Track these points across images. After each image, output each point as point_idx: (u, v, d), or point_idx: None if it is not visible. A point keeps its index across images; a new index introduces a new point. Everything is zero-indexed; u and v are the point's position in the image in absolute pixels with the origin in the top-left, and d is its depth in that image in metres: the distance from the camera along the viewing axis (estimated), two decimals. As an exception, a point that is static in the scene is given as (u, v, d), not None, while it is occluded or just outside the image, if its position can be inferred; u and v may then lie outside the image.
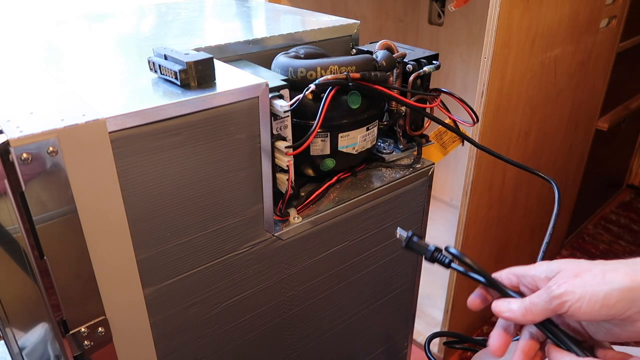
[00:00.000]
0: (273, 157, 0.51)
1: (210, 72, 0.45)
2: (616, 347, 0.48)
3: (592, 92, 1.37)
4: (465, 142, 0.69)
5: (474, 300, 0.49)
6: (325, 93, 0.54)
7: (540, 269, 0.44)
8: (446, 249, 0.47)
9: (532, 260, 0.49)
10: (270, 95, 0.48)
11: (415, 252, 0.47)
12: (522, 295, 0.45)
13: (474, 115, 0.64)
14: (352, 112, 0.58)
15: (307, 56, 0.59)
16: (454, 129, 0.66)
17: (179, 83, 0.44)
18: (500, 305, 0.45)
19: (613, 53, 1.38)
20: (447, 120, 0.69)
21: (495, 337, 0.46)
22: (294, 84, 0.55)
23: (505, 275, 0.47)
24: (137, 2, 0.87)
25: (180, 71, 0.43)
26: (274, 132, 0.51)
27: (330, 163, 0.60)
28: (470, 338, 0.64)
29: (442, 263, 0.47)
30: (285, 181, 0.53)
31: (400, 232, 0.47)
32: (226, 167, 0.47)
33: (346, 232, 0.61)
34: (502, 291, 0.46)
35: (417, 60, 0.63)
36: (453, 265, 0.47)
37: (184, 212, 0.45)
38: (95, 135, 0.37)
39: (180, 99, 0.41)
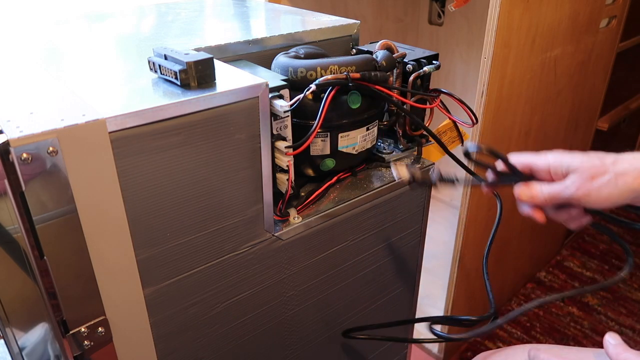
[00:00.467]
0: (273, 157, 0.51)
1: (210, 72, 0.45)
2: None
3: (592, 92, 1.37)
4: (464, 143, 0.69)
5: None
6: (325, 93, 0.54)
7: (555, 160, 0.52)
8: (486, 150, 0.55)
9: (532, 260, 0.50)
10: (270, 95, 0.48)
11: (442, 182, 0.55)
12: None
13: (473, 117, 0.64)
14: (352, 112, 0.58)
15: (307, 56, 0.59)
16: (437, 139, 0.66)
17: (179, 83, 0.44)
18: (533, 187, 0.53)
19: (613, 53, 1.38)
20: (447, 122, 0.69)
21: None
22: (294, 84, 0.55)
23: (520, 166, 0.55)
24: (137, 2, 0.87)
25: (180, 71, 0.43)
26: (274, 132, 0.51)
27: (330, 163, 0.60)
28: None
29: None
30: (285, 181, 0.53)
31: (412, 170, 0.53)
32: (226, 167, 0.47)
33: (346, 232, 0.61)
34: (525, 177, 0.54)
35: (417, 60, 0.63)
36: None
37: (184, 212, 0.45)
38: (95, 135, 0.37)
39: (180, 99, 0.41)
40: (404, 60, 0.63)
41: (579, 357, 0.54)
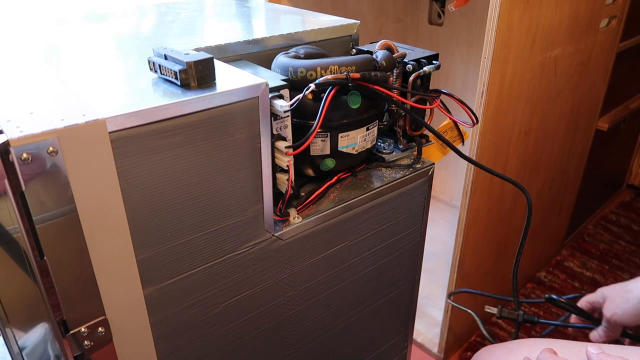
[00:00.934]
0: (273, 157, 0.51)
1: (210, 72, 0.45)
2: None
3: (592, 92, 1.37)
4: (465, 142, 0.69)
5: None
6: (325, 93, 0.54)
7: (598, 295, 0.74)
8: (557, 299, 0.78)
9: (532, 260, 0.50)
10: (270, 95, 0.48)
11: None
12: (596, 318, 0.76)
13: (473, 117, 0.64)
14: (352, 112, 0.58)
15: (307, 56, 0.59)
16: (439, 136, 0.66)
17: (179, 83, 0.44)
18: (592, 336, 0.75)
19: (613, 53, 1.38)
20: (447, 121, 0.69)
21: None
22: (294, 84, 0.55)
23: (584, 305, 0.77)
24: (137, 2, 0.87)
25: (180, 71, 0.43)
26: (274, 132, 0.51)
27: (330, 163, 0.60)
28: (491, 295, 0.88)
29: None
30: (285, 181, 0.53)
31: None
32: (226, 167, 0.47)
33: (346, 232, 0.61)
34: (588, 317, 0.77)
35: (417, 60, 0.63)
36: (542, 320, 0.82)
37: (184, 212, 0.45)
38: (95, 135, 0.37)
39: (180, 99, 0.41)
40: (404, 60, 0.63)
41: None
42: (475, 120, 0.64)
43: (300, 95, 0.52)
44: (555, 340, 0.62)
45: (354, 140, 0.59)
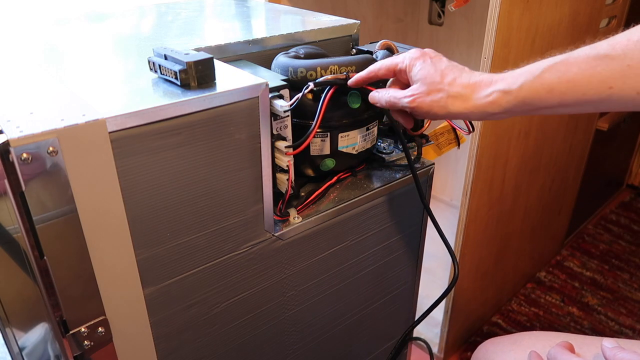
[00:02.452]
0: (273, 157, 0.51)
1: (210, 72, 0.45)
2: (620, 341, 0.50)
3: (592, 92, 1.37)
4: (460, 146, 0.70)
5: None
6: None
7: (405, 64, 0.53)
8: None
9: (532, 260, 0.50)
10: (270, 95, 0.48)
11: None
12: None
13: (470, 126, 0.65)
14: (352, 112, 0.58)
15: (307, 56, 0.59)
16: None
17: (179, 83, 0.44)
18: (373, 95, 0.56)
19: (613, 53, 1.37)
20: (445, 124, 0.69)
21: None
22: (294, 84, 0.55)
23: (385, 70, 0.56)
24: (137, 2, 0.87)
25: (180, 71, 0.43)
26: (274, 132, 0.51)
27: (330, 163, 0.60)
28: None
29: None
30: (285, 181, 0.53)
31: None
32: (226, 167, 0.47)
33: (346, 232, 0.61)
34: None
35: (417, 60, 0.63)
36: None
37: (184, 212, 0.45)
38: (95, 135, 0.37)
39: (180, 99, 0.41)
40: (404, 60, 0.63)
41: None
42: (470, 129, 0.65)
43: (300, 95, 0.52)
44: (562, 334, 0.61)
45: (354, 140, 0.59)
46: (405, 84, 0.55)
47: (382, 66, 0.54)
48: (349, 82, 0.56)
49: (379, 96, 0.55)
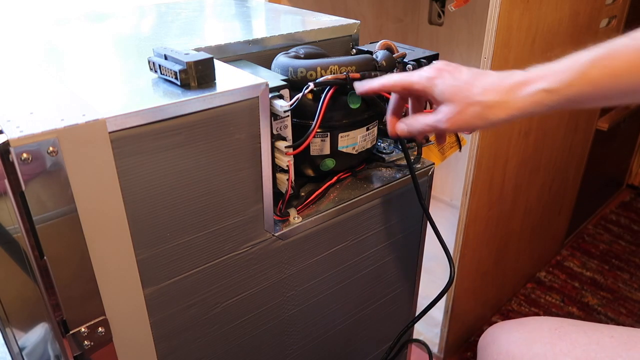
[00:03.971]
0: (273, 157, 0.51)
1: (210, 72, 0.45)
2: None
3: (592, 92, 1.37)
4: (462, 149, 0.70)
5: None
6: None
7: (430, 89, 0.51)
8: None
9: (532, 260, 0.50)
10: (270, 95, 0.48)
11: None
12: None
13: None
14: (352, 112, 0.58)
15: (307, 56, 0.59)
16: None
17: (179, 83, 0.44)
18: (401, 126, 0.55)
19: (613, 53, 1.37)
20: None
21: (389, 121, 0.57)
22: (294, 84, 0.55)
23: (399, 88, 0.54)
24: (137, 2, 0.87)
25: (180, 71, 0.43)
26: (274, 132, 0.51)
27: (330, 163, 0.60)
28: None
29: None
30: (285, 181, 0.53)
31: None
32: (226, 167, 0.47)
33: (346, 232, 0.61)
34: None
35: (417, 60, 0.63)
36: None
37: (184, 212, 0.45)
38: (95, 135, 0.37)
39: (180, 99, 0.41)
40: (404, 60, 0.63)
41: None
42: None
43: (300, 95, 0.52)
44: (566, 319, 0.61)
45: (354, 140, 0.59)
46: (422, 101, 0.55)
47: (396, 83, 0.53)
48: (357, 88, 0.55)
49: (408, 128, 0.53)
